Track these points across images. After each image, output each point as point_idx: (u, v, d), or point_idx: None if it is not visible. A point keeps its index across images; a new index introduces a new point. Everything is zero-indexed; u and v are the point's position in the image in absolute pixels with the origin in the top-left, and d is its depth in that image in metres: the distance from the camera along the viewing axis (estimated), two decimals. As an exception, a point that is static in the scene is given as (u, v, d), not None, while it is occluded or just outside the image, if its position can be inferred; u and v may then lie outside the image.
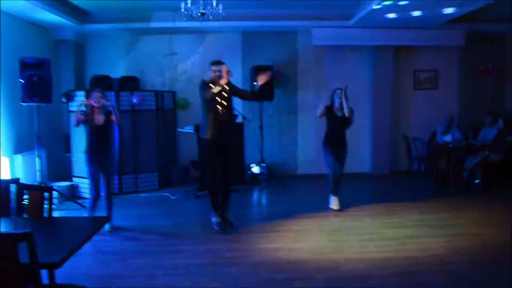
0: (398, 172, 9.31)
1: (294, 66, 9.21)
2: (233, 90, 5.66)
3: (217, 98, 5.43)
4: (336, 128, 6.38)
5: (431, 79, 9.58)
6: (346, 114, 6.23)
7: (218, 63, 5.53)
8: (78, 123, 5.37)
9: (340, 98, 6.24)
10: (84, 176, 6.35)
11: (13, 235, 2.28)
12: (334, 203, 6.41)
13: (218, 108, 5.46)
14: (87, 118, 5.38)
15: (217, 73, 5.45)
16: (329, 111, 6.35)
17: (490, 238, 5.10)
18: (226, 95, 5.53)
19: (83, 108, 5.37)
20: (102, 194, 5.61)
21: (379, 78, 9.12)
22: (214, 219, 5.66)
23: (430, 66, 9.52)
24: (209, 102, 5.41)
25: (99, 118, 5.43)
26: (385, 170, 9.24)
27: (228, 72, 5.36)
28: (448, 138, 7.89)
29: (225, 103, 5.53)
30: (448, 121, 8.36)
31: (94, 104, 5.39)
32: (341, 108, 6.27)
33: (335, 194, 6.44)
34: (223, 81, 5.32)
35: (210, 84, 5.42)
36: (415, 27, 8.54)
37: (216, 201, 5.65)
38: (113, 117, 5.52)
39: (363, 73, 9.32)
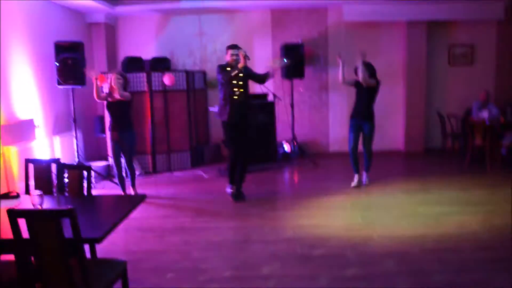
0: (432, 150, 9.15)
1: (324, 44, 9.09)
2: (249, 74, 5.94)
3: (233, 81, 5.72)
4: (359, 99, 6.33)
5: (466, 54, 9.28)
6: (361, 82, 6.10)
7: (235, 47, 5.80)
8: (98, 98, 5.88)
9: (358, 65, 6.13)
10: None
11: (57, 212, 2.37)
12: (354, 180, 6.44)
13: (235, 91, 5.76)
14: (103, 95, 5.91)
15: (235, 57, 5.73)
16: (356, 82, 6.31)
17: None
18: (242, 78, 5.81)
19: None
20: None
21: (412, 54, 8.91)
22: (228, 190, 6.07)
23: (466, 40, 9.22)
24: (226, 85, 5.73)
25: (115, 94, 5.77)
26: (418, 148, 9.11)
27: (245, 56, 5.64)
28: (484, 114, 7.67)
29: (242, 87, 5.82)
30: (484, 97, 8.11)
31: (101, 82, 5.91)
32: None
33: (356, 171, 6.45)
34: (240, 65, 5.61)
35: (228, 68, 5.70)
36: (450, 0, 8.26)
37: (233, 175, 5.99)
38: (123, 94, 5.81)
39: (396, 49, 9.13)
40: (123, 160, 6.07)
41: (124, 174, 6.22)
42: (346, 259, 4.03)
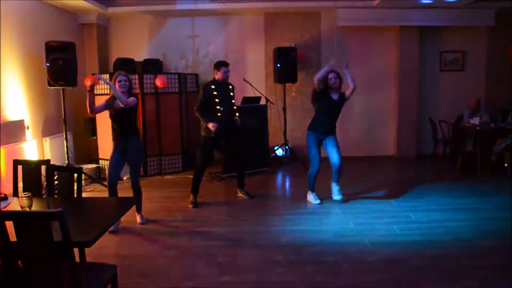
0: (424, 156, 9.18)
1: (317, 48, 9.10)
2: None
3: (216, 99, 5.82)
4: (329, 111, 5.77)
5: (458, 60, 9.34)
6: (351, 87, 5.63)
7: (226, 64, 5.90)
8: (92, 111, 4.97)
9: (338, 77, 5.73)
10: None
11: (46, 214, 2.31)
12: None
13: (218, 108, 5.86)
14: (106, 102, 5.02)
15: (228, 74, 5.89)
16: (323, 93, 5.74)
17: (519, 222, 5.00)
18: (229, 95, 5.99)
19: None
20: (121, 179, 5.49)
21: (405, 60, 8.95)
22: (191, 198, 6.02)
23: (457, 47, 9.28)
24: (208, 102, 5.83)
25: (117, 103, 4.92)
26: (410, 153, 9.13)
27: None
28: (475, 120, 7.71)
29: (227, 103, 5.92)
30: (475, 103, 8.17)
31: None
32: (339, 89, 5.75)
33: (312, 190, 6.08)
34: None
35: (212, 86, 5.85)
36: (442, 6, 8.31)
37: (198, 186, 6.04)
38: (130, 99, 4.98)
39: (388, 54, 9.17)
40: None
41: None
42: (338, 265, 4.00)
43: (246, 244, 4.56)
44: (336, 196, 6.03)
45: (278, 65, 8.25)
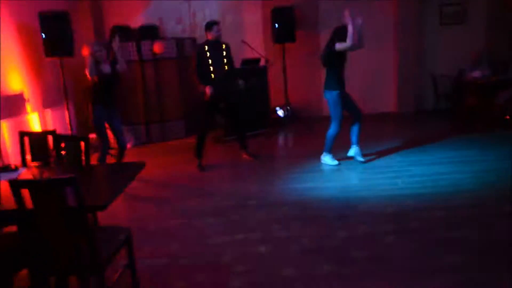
0: (424, 111, 9.18)
1: (315, 5, 8.94)
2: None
3: (209, 60, 5.76)
4: (342, 66, 5.74)
5: (458, 13, 9.19)
6: (360, 44, 5.48)
7: (217, 23, 5.88)
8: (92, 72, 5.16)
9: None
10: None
11: (59, 180, 2.36)
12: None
13: (211, 69, 5.81)
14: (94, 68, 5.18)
15: (220, 32, 5.85)
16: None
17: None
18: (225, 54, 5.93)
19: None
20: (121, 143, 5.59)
21: (403, 14, 8.80)
22: (199, 163, 6.07)
23: (456, -1, 9.12)
24: (202, 64, 5.77)
25: (106, 68, 5.26)
26: (411, 109, 9.13)
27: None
28: (477, 74, 7.67)
29: (223, 64, 5.87)
30: (477, 57, 8.11)
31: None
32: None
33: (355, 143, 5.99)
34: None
35: (206, 46, 5.80)
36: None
37: (202, 149, 6.07)
38: (119, 67, 5.34)
39: (387, 9, 9.01)
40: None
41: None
42: (346, 218, 4.10)
43: (253, 204, 4.64)
44: (360, 157, 5.89)
45: (276, 25, 8.14)
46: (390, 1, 8.97)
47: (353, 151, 5.93)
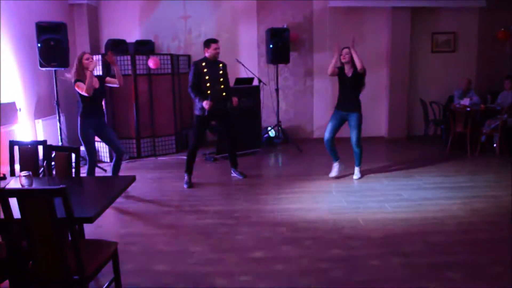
0: (415, 136, 9.29)
1: (309, 29, 9.09)
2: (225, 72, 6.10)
3: (206, 77, 5.81)
4: (345, 88, 5.98)
5: (449, 42, 9.40)
6: (358, 67, 5.69)
7: (216, 41, 5.91)
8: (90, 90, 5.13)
9: (349, 52, 5.81)
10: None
11: (49, 191, 2.35)
12: (333, 169, 6.31)
13: (208, 86, 5.83)
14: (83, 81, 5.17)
15: (218, 51, 5.88)
16: (340, 72, 5.97)
17: (506, 200, 5.13)
18: (222, 74, 5.98)
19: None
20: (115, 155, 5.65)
21: (396, 41, 8.97)
22: (186, 179, 6.07)
23: (448, 28, 9.32)
24: (199, 80, 5.82)
25: (95, 81, 5.29)
26: (401, 134, 9.23)
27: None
28: (466, 101, 7.81)
29: (216, 82, 5.91)
30: (466, 84, 8.27)
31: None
32: (352, 64, 5.83)
33: (335, 159, 6.29)
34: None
35: (203, 63, 5.83)
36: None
37: (192, 166, 6.08)
38: (111, 79, 5.53)
39: (380, 35, 9.18)
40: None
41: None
42: (333, 241, 4.10)
43: (242, 223, 4.64)
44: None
45: (271, 45, 8.25)
46: (383, 28, 9.14)
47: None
